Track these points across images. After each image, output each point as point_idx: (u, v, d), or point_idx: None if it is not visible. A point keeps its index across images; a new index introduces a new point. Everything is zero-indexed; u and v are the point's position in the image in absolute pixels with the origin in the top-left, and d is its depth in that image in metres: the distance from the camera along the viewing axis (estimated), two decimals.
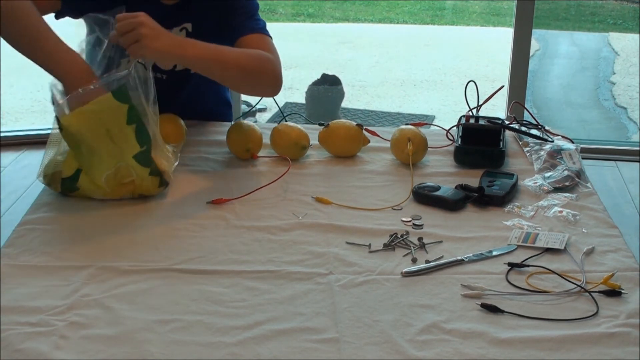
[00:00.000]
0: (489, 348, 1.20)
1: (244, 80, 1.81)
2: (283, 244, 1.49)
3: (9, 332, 1.20)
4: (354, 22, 8.03)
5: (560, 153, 1.84)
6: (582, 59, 6.89)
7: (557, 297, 1.33)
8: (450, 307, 1.30)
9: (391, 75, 6.33)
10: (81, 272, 1.37)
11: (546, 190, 1.71)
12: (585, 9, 8.11)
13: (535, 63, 6.22)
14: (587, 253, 1.46)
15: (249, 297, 1.31)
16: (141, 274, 1.37)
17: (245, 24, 1.89)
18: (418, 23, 8.12)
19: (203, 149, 1.89)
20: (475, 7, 8.48)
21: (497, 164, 1.82)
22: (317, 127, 1.92)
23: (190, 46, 1.69)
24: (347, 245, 1.48)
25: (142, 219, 1.57)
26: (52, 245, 1.46)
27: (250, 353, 1.18)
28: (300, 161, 1.85)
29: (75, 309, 1.27)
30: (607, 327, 1.25)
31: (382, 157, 1.89)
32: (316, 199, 1.66)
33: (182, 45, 1.67)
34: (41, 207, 1.60)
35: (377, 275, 1.39)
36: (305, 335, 1.22)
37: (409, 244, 1.48)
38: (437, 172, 1.81)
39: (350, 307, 1.29)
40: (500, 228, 1.56)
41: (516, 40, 3.77)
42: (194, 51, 1.68)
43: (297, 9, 8.14)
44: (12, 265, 1.39)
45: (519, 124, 1.99)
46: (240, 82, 1.84)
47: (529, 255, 1.45)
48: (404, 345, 1.20)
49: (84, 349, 1.18)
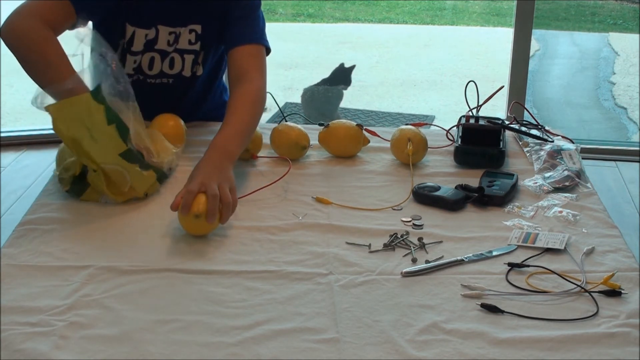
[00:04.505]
0: (489, 348, 1.20)
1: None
2: (283, 244, 1.49)
3: (9, 332, 1.20)
4: (354, 22, 8.03)
5: (560, 153, 1.84)
6: (582, 59, 6.89)
7: (557, 297, 1.33)
8: (450, 307, 1.30)
9: (391, 76, 6.33)
10: (81, 272, 1.37)
11: (546, 190, 1.71)
12: (585, 9, 8.11)
13: (535, 63, 6.22)
14: (587, 253, 1.46)
15: (249, 297, 1.31)
16: (141, 274, 1.37)
17: (241, 32, 1.87)
18: (418, 23, 8.12)
19: (203, 149, 1.88)
20: (475, 7, 8.48)
21: (497, 164, 1.82)
22: (317, 127, 1.92)
23: (230, 155, 1.65)
24: (347, 246, 1.48)
25: (142, 219, 1.57)
26: (52, 245, 1.46)
27: (250, 353, 1.18)
28: (300, 161, 1.85)
29: (75, 309, 1.27)
30: (607, 327, 1.25)
31: (382, 157, 1.89)
32: (316, 199, 1.66)
33: (229, 159, 1.63)
34: (41, 207, 1.60)
35: (377, 275, 1.39)
36: (305, 335, 1.22)
37: (409, 244, 1.48)
38: (437, 172, 1.81)
39: (350, 307, 1.29)
40: (500, 228, 1.56)
41: (516, 40, 3.78)
42: (236, 152, 1.66)
43: (297, 9, 8.14)
44: (12, 265, 1.39)
45: (519, 124, 1.99)
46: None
47: (529, 255, 1.45)
48: (404, 345, 1.20)
49: (84, 349, 1.18)
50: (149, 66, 1.92)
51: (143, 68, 1.93)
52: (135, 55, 1.91)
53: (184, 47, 1.92)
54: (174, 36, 1.90)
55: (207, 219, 1.47)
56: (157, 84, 1.95)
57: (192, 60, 1.94)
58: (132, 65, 1.92)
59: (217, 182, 1.51)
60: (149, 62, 1.92)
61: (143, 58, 1.91)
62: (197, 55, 1.94)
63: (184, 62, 1.93)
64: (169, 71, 1.94)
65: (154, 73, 1.94)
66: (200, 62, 1.96)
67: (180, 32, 1.90)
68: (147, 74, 1.94)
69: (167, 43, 1.90)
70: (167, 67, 1.93)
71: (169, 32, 1.89)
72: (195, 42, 1.92)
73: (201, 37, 1.91)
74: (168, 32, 1.89)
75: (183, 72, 1.95)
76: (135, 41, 1.89)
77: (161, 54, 1.91)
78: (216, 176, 1.53)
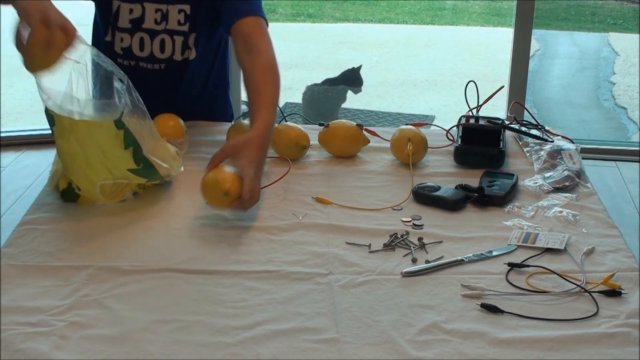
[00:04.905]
0: (489, 348, 1.20)
1: None
2: (283, 244, 1.49)
3: (9, 332, 1.20)
4: (354, 22, 8.02)
5: (560, 153, 1.84)
6: (582, 59, 6.89)
7: (557, 297, 1.33)
8: (450, 307, 1.30)
9: (391, 75, 6.33)
10: (81, 272, 1.37)
11: (546, 190, 1.71)
12: (585, 9, 8.11)
13: (535, 63, 6.22)
14: (587, 253, 1.46)
15: (249, 297, 1.31)
16: (141, 274, 1.37)
17: (239, 5, 1.88)
18: (418, 23, 8.12)
19: (203, 149, 1.89)
20: (475, 7, 8.48)
21: (497, 164, 1.82)
22: (317, 127, 1.92)
23: (267, 144, 1.67)
24: (347, 246, 1.48)
25: (142, 219, 1.57)
26: (52, 245, 1.46)
27: (250, 353, 1.18)
28: (300, 161, 1.85)
29: (75, 309, 1.27)
30: (607, 327, 1.25)
31: (382, 157, 1.89)
32: (316, 199, 1.66)
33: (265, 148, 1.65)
34: (41, 207, 1.60)
35: (377, 275, 1.39)
36: (305, 335, 1.22)
37: (409, 244, 1.48)
38: (437, 172, 1.81)
39: (350, 307, 1.29)
40: (500, 228, 1.56)
41: (516, 40, 3.78)
42: (269, 125, 1.67)
43: (297, 9, 8.13)
44: (12, 265, 1.39)
45: (519, 124, 1.99)
46: None
47: (529, 255, 1.45)
48: (404, 345, 1.20)
49: (84, 349, 1.18)
50: (140, 47, 1.94)
51: (133, 50, 1.94)
52: (123, 32, 1.92)
53: (173, 28, 1.93)
54: (160, 14, 1.91)
55: (234, 201, 1.51)
56: (149, 70, 1.96)
57: (182, 42, 1.95)
58: (121, 45, 1.94)
59: (255, 172, 1.55)
60: (139, 44, 1.93)
61: (133, 39, 1.93)
62: (186, 37, 1.95)
63: (174, 44, 1.94)
64: (160, 55, 1.95)
65: (144, 55, 1.95)
66: (192, 45, 1.96)
67: (168, 9, 1.91)
68: (138, 56, 1.95)
69: (154, 22, 1.92)
70: (158, 50, 1.94)
71: (155, 10, 1.91)
72: (184, 22, 1.93)
73: (190, 18, 1.92)
74: (154, 10, 1.91)
75: (174, 57, 1.96)
76: (121, 16, 1.91)
77: (150, 34, 1.93)
78: (256, 166, 1.56)
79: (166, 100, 1.94)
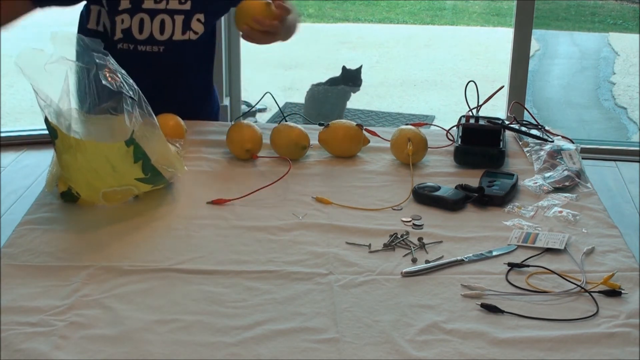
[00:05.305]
0: (489, 348, 1.20)
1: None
2: (283, 244, 1.49)
3: (9, 332, 1.20)
4: (354, 22, 8.02)
5: (560, 153, 1.84)
6: (582, 59, 6.90)
7: (557, 297, 1.33)
8: (450, 307, 1.30)
9: (391, 75, 6.33)
10: (81, 272, 1.37)
11: (546, 191, 1.71)
12: (585, 9, 8.12)
13: (535, 63, 6.23)
14: (587, 253, 1.46)
15: (249, 297, 1.31)
16: (141, 274, 1.37)
17: None
18: (418, 23, 8.12)
19: (203, 149, 1.89)
20: (475, 7, 8.48)
21: (497, 164, 1.82)
22: (317, 127, 1.92)
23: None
24: (347, 246, 1.48)
25: (143, 219, 1.57)
26: (52, 245, 1.46)
27: (250, 353, 1.18)
28: (300, 161, 1.85)
29: (75, 309, 1.27)
30: (607, 327, 1.25)
31: (382, 157, 1.89)
32: (316, 199, 1.66)
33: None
34: (41, 207, 1.60)
35: (377, 275, 1.39)
36: (305, 335, 1.22)
37: (409, 244, 1.48)
38: (437, 172, 1.81)
39: (350, 307, 1.29)
40: (500, 228, 1.56)
41: (516, 40, 3.78)
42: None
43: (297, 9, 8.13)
44: (12, 265, 1.39)
45: (519, 124, 1.99)
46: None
47: (529, 255, 1.45)
48: (404, 345, 1.20)
49: (84, 349, 1.18)
50: (139, 29, 1.95)
51: (133, 32, 1.95)
52: (122, 13, 1.93)
53: (174, 7, 1.95)
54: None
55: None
56: (147, 53, 1.97)
57: (182, 21, 1.96)
58: (121, 27, 1.94)
59: None
60: (139, 25, 1.94)
61: (133, 20, 1.93)
62: (187, 16, 1.96)
63: (174, 24, 1.95)
64: (159, 36, 1.96)
65: (143, 37, 1.95)
66: (192, 27, 1.97)
67: None
68: (137, 39, 1.95)
69: (154, 1, 1.93)
70: (157, 32, 1.95)
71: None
72: (185, 1, 1.94)
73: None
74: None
75: (174, 37, 1.97)
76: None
77: (150, 14, 1.94)
78: None
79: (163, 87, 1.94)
